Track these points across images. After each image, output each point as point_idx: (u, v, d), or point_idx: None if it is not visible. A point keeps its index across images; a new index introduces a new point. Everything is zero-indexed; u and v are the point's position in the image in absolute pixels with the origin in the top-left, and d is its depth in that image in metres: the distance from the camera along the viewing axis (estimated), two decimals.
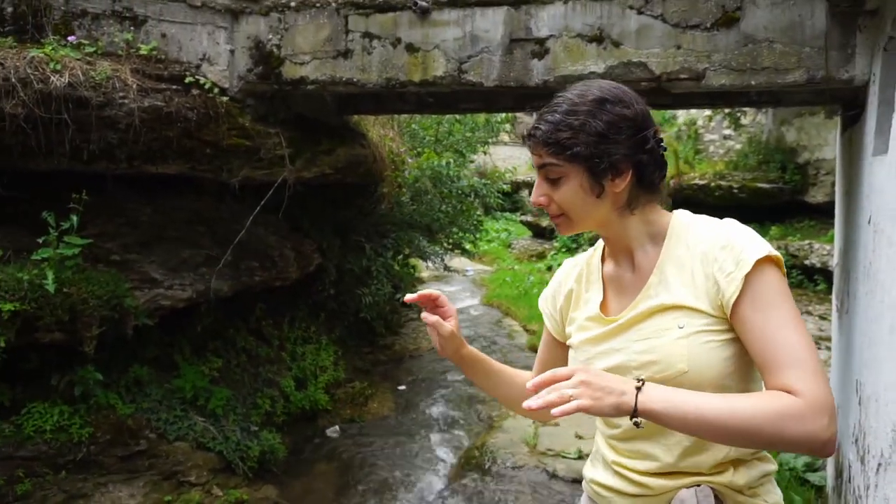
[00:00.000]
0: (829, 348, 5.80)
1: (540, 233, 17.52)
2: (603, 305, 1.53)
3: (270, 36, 4.36)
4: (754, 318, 1.31)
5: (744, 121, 12.76)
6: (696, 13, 3.56)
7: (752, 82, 3.48)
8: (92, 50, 4.20)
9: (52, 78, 4.00)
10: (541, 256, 15.77)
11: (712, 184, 12.38)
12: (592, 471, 1.59)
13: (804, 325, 1.30)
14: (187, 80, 4.33)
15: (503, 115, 10.06)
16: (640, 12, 3.65)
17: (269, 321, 6.75)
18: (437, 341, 1.61)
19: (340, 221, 7.66)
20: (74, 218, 4.14)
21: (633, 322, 1.43)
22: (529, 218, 18.67)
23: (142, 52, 4.29)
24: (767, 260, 1.33)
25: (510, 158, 18.45)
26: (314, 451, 6.04)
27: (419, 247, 8.96)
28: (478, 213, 10.81)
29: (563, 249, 15.39)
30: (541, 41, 3.84)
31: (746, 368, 1.38)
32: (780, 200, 11.92)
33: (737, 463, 1.41)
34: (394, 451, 6.03)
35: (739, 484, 1.40)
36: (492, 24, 3.91)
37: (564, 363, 1.58)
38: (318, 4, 4.25)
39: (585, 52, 3.76)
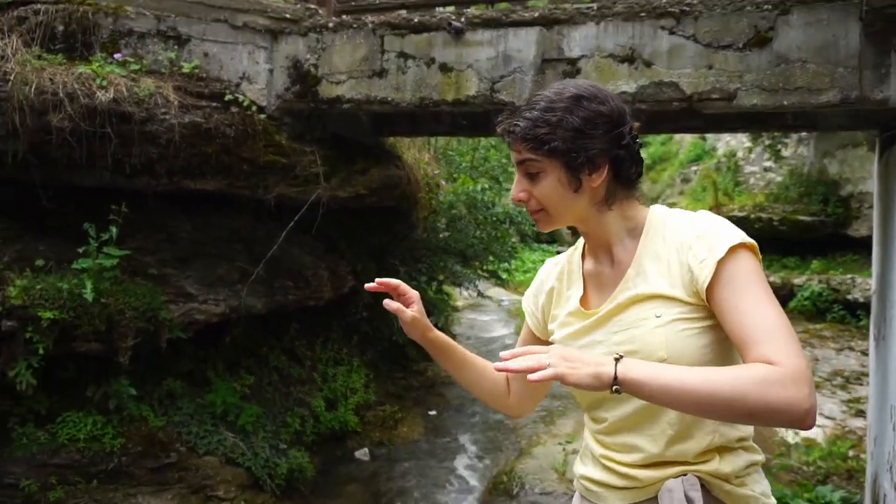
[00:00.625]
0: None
1: None
2: (583, 300, 1.56)
3: (308, 56, 4.46)
4: (729, 298, 1.33)
5: (785, 152, 12.60)
6: (729, 33, 3.56)
7: (785, 102, 3.46)
8: (137, 67, 4.35)
9: (98, 93, 4.14)
10: None
11: (752, 216, 12.21)
12: (582, 467, 1.60)
13: (778, 304, 1.31)
14: (227, 97, 4.45)
15: None
16: (671, 32, 3.67)
17: (302, 341, 6.80)
18: (403, 325, 1.66)
19: (376, 245, 7.73)
20: (114, 229, 4.25)
21: (612, 314, 1.46)
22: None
23: (184, 70, 4.42)
24: (741, 246, 1.35)
25: None
26: (343, 472, 6.04)
27: (453, 272, 8.97)
28: (513, 240, 10.80)
29: None
30: (572, 61, 3.88)
31: (726, 355, 1.40)
32: (821, 234, 11.71)
33: (722, 451, 1.43)
34: (423, 474, 6.00)
35: (725, 472, 1.42)
36: (524, 44, 3.96)
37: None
38: (354, 25, 4.35)
39: (617, 72, 3.78)
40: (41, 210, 4.73)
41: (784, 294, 11.50)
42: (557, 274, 1.66)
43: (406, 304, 1.64)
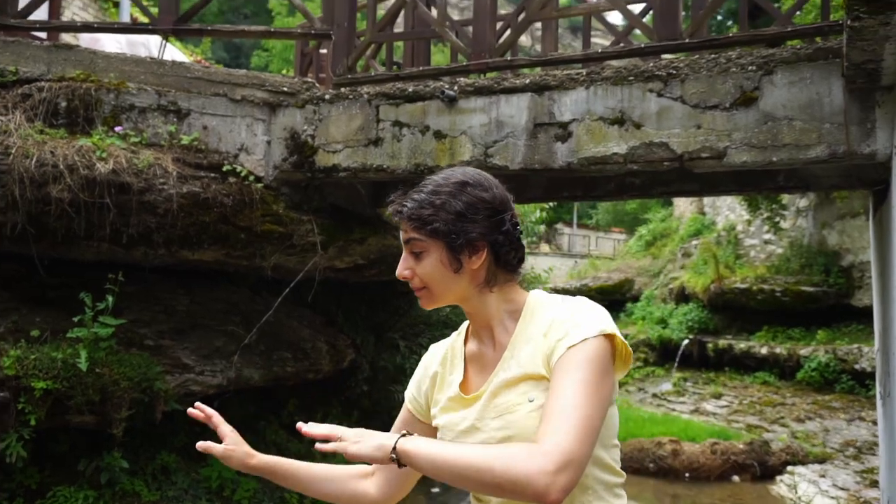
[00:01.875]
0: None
1: None
2: (464, 384, 1.59)
3: (305, 127, 4.55)
4: (555, 380, 1.39)
5: (784, 224, 12.68)
6: (715, 94, 3.64)
7: (774, 159, 3.50)
8: (137, 140, 4.43)
9: (98, 164, 4.21)
10: None
11: (754, 287, 12.21)
12: None
13: (597, 393, 1.35)
14: (225, 168, 4.52)
15: (538, 214, 10.16)
16: (659, 95, 3.75)
17: (301, 416, 6.64)
18: (221, 460, 1.68)
19: (376, 320, 7.69)
20: (110, 299, 4.24)
21: (489, 398, 1.50)
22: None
23: (183, 142, 4.51)
24: (599, 336, 1.40)
25: (553, 271, 18.51)
26: None
27: None
28: None
29: None
30: (564, 125, 3.95)
31: (604, 432, 1.44)
32: (825, 304, 11.67)
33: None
34: None
35: None
36: (516, 109, 4.04)
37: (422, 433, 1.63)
38: (350, 96, 4.45)
39: (608, 134, 3.84)
40: (39, 284, 4.75)
41: (790, 365, 11.38)
42: (441, 359, 1.68)
43: (222, 435, 1.67)
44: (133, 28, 5.23)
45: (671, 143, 3.71)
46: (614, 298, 17.20)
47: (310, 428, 1.40)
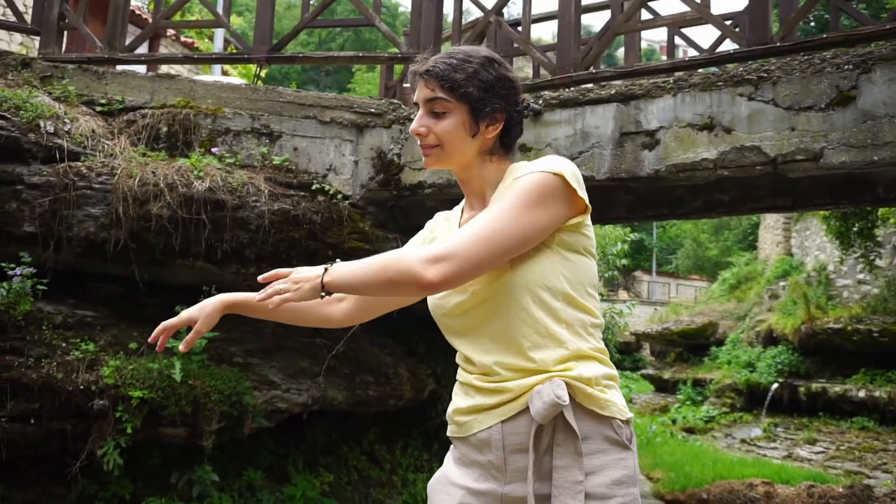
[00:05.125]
0: None
1: (663, 387, 16.80)
2: None
3: (392, 146, 4.65)
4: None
5: (880, 262, 12.12)
6: (809, 95, 3.56)
7: (875, 158, 3.38)
8: (231, 161, 4.61)
9: (195, 183, 4.38)
10: (664, 410, 15.02)
11: (849, 327, 11.66)
12: (453, 405, 1.73)
13: (520, 215, 1.50)
14: (314, 187, 4.64)
15: (619, 247, 10.01)
16: (750, 98, 3.69)
17: (381, 446, 6.68)
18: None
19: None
20: None
21: None
22: (651, 371, 18.02)
23: (275, 162, 4.66)
24: (546, 172, 1.54)
25: (627, 314, 18.12)
26: None
27: None
28: None
29: (688, 402, 14.64)
30: (651, 133, 3.92)
31: (574, 275, 1.60)
32: None
33: (579, 359, 1.58)
34: None
35: (587, 377, 1.55)
36: (602, 120, 4.04)
37: None
38: None
39: (696, 140, 3.79)
40: (138, 303, 4.93)
41: (892, 409, 10.75)
42: (444, 228, 1.84)
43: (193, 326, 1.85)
44: (229, 58, 5.51)
45: (763, 147, 3.63)
46: (698, 343, 16.70)
47: (261, 276, 1.66)
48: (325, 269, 1.58)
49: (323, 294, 1.57)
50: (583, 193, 1.57)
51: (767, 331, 13.99)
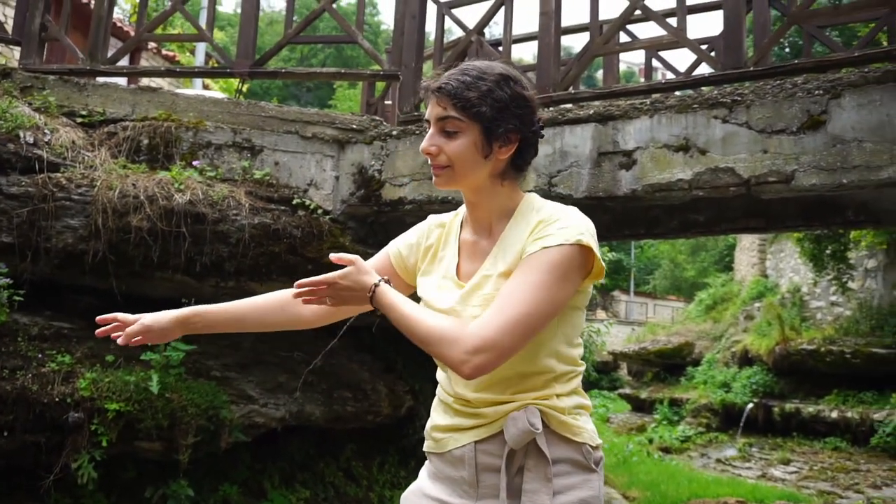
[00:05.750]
0: None
1: (640, 406, 16.88)
2: (458, 268, 1.71)
3: (373, 162, 4.69)
4: (514, 272, 1.54)
5: (852, 285, 12.32)
6: (781, 119, 3.65)
7: (844, 180, 3.47)
8: (212, 174, 4.62)
9: (176, 196, 4.39)
10: (641, 429, 15.08)
11: (822, 349, 11.82)
12: (431, 421, 1.78)
13: (548, 295, 1.48)
14: (295, 201, 4.67)
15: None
16: (724, 121, 3.77)
17: (358, 462, 6.67)
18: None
19: (433, 369, 7.68)
20: None
21: (475, 288, 1.63)
22: (628, 391, 18.10)
23: (256, 176, 4.68)
24: (574, 245, 1.50)
25: (605, 334, 18.15)
26: None
27: None
28: None
29: (664, 422, 14.71)
30: (628, 153, 3.99)
31: (569, 330, 1.61)
32: None
33: (558, 392, 1.61)
34: None
35: (561, 406, 1.60)
36: (580, 140, 4.11)
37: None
38: (417, 132, 4.58)
39: (672, 161, 3.87)
40: None
41: (864, 430, 10.89)
42: (438, 235, 1.80)
43: (131, 323, 1.85)
44: (211, 72, 5.53)
45: (737, 168, 3.71)
46: (674, 362, 16.82)
47: (303, 280, 1.64)
48: (377, 284, 1.58)
49: (369, 295, 1.58)
50: (601, 258, 1.57)
51: (743, 351, 14.14)
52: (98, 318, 1.84)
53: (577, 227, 1.53)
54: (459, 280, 1.68)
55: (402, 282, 1.86)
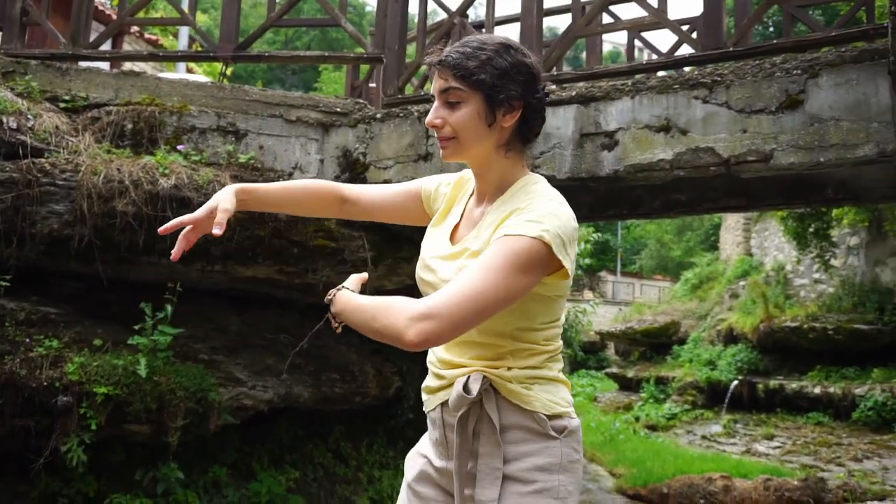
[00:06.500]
0: None
1: (627, 385, 17.04)
2: (455, 229, 1.77)
3: (357, 145, 4.71)
4: (480, 256, 1.56)
5: (835, 263, 12.45)
6: (760, 98, 3.69)
7: (822, 159, 3.52)
8: (197, 158, 4.63)
9: (161, 180, 4.40)
10: (628, 408, 15.24)
11: (805, 326, 11.97)
12: (424, 385, 1.82)
13: (502, 282, 1.47)
14: None
15: (583, 246, 10.17)
16: (705, 101, 3.81)
17: (347, 443, 6.73)
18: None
19: (421, 351, 7.73)
20: (169, 308, 4.39)
21: (454, 256, 1.68)
22: (615, 370, 18.25)
23: (240, 160, 4.69)
24: (536, 239, 1.50)
25: (593, 314, 18.29)
26: None
27: None
28: None
29: (651, 400, 14.87)
30: (610, 134, 4.03)
31: (534, 315, 1.63)
32: (880, 343, 11.37)
33: (511, 361, 1.64)
34: None
35: (508, 376, 1.63)
36: (563, 121, 4.14)
37: (409, 210, 1.95)
38: (401, 114, 4.60)
39: (653, 142, 3.91)
40: (101, 301, 4.92)
41: (846, 405, 11.06)
42: (462, 192, 1.84)
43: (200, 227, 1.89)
44: (195, 56, 5.51)
45: (717, 148, 3.76)
46: (660, 341, 16.97)
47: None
48: (335, 293, 1.64)
49: (329, 315, 1.63)
50: (568, 262, 1.55)
51: (728, 329, 14.29)
52: (161, 229, 1.88)
53: (545, 223, 1.51)
54: (451, 243, 1.73)
55: (422, 211, 1.92)
